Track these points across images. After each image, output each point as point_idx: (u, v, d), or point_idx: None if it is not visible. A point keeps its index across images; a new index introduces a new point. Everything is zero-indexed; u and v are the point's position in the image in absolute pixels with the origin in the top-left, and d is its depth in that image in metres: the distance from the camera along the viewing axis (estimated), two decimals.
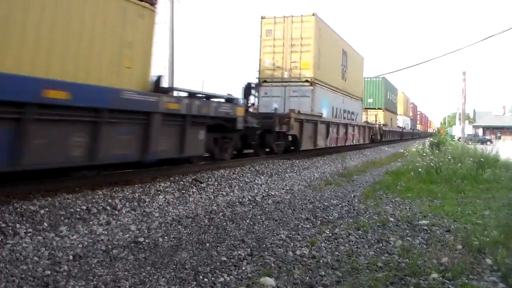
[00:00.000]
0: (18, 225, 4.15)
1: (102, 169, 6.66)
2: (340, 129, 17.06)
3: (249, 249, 3.95)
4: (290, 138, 12.87)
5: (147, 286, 3.10)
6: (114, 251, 3.79)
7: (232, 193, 6.91)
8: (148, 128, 6.29)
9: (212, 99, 8.47)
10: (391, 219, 5.16)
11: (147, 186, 6.45)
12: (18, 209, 4.55)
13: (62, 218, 4.56)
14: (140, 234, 4.33)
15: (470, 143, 20.35)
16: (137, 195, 5.85)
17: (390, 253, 3.86)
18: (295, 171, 10.29)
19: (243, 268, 3.47)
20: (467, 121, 46.30)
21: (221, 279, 3.21)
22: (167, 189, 6.46)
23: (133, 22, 6.33)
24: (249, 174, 8.77)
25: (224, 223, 4.94)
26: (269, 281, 3.11)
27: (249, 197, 6.58)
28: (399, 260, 3.62)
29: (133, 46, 6.35)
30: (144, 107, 6.17)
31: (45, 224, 4.31)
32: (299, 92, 13.76)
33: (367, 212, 5.64)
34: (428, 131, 78.28)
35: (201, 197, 6.39)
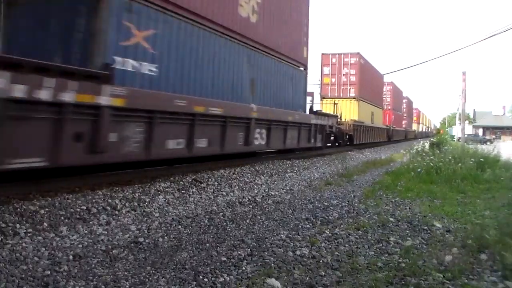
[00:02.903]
0: (18, 225, 4.15)
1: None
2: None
3: (249, 249, 3.95)
4: None
5: (147, 286, 3.10)
6: (114, 251, 3.79)
7: (232, 193, 6.91)
8: None
9: None
10: (391, 219, 5.16)
11: (147, 186, 6.45)
12: (18, 209, 4.55)
13: (62, 218, 4.56)
14: (140, 234, 4.33)
15: (469, 143, 20.39)
16: (137, 195, 5.85)
17: (390, 253, 3.86)
18: (295, 171, 10.29)
19: (243, 268, 3.47)
20: (467, 121, 46.12)
21: (221, 279, 3.21)
22: (167, 189, 6.47)
23: None
24: (249, 174, 8.78)
25: (224, 223, 4.94)
26: (275, 283, 3.10)
27: (249, 197, 6.58)
28: (399, 260, 3.62)
29: None
30: None
31: (45, 224, 4.31)
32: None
33: (367, 212, 5.64)
34: (422, 130, 62.50)
35: (201, 197, 6.39)
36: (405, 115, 44.06)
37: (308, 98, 15.63)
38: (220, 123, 8.33)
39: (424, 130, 66.35)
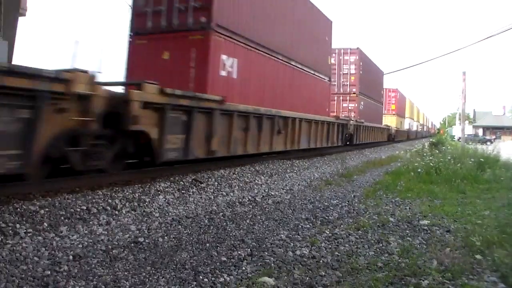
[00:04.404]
0: (18, 225, 4.14)
1: None
2: None
3: (249, 249, 3.95)
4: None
5: (147, 286, 3.10)
6: (114, 251, 3.79)
7: (232, 193, 6.91)
8: None
9: None
10: (391, 219, 5.16)
11: (147, 186, 6.45)
12: (18, 209, 4.55)
13: (62, 218, 4.56)
14: (140, 234, 4.33)
15: (470, 143, 20.41)
16: (137, 195, 5.85)
17: (390, 253, 3.86)
18: (295, 171, 10.29)
19: (243, 268, 3.47)
20: (467, 121, 45.83)
21: (221, 279, 3.21)
22: (167, 189, 6.46)
23: None
24: (249, 174, 8.77)
25: (224, 223, 4.94)
26: (268, 280, 3.11)
27: (249, 197, 6.58)
28: (399, 260, 3.62)
29: None
30: None
31: (45, 224, 4.31)
32: None
33: (367, 212, 5.64)
34: (411, 128, 45.63)
35: (201, 197, 6.39)
36: (358, 93, 22.16)
37: None
38: None
39: (415, 128, 48.93)
